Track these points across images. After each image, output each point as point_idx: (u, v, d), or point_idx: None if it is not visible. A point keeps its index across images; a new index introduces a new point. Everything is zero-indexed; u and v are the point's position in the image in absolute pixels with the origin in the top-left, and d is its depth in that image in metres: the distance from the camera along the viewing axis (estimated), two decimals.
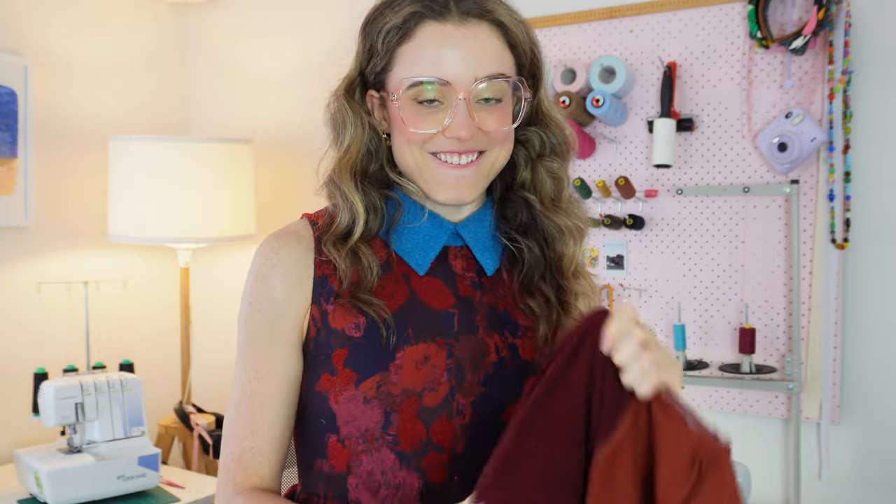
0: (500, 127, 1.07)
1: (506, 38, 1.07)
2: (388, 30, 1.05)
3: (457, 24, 1.03)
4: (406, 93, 1.04)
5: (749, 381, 2.03)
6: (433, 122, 1.05)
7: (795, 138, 1.96)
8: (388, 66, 1.07)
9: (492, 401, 1.06)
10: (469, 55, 1.03)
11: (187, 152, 2.49)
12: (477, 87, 1.03)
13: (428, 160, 1.07)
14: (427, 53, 1.03)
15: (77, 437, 2.15)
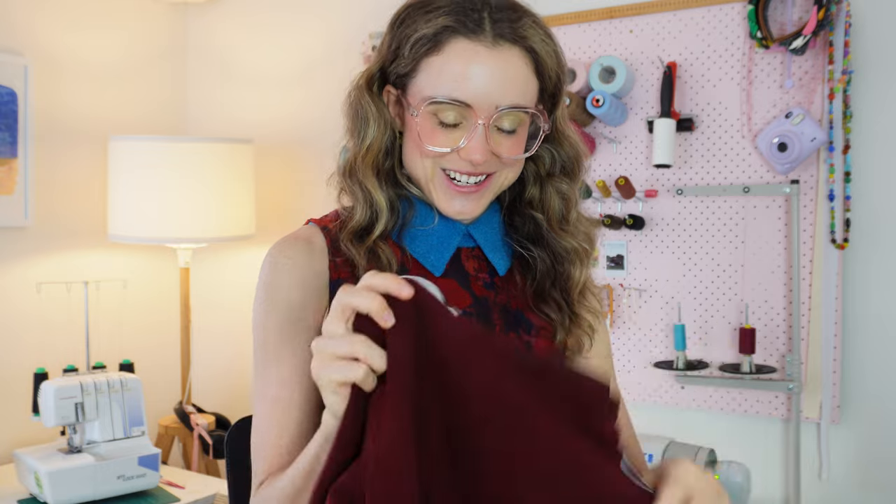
0: (514, 155, 1.07)
1: (535, 65, 1.05)
2: (418, 38, 1.03)
3: (488, 47, 1.01)
4: (426, 108, 1.03)
5: (749, 381, 2.03)
6: (449, 140, 1.04)
7: (795, 138, 1.96)
8: (412, 73, 1.05)
9: None
10: (495, 81, 1.02)
11: (187, 152, 2.49)
12: (497, 115, 1.03)
13: (438, 175, 1.07)
14: (453, 71, 1.02)
15: (77, 437, 2.15)
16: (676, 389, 2.19)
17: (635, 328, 2.24)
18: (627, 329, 2.25)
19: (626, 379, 2.25)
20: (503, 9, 1.04)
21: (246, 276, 2.88)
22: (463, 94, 1.01)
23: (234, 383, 2.92)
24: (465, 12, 1.02)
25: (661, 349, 2.20)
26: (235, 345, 2.91)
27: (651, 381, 2.22)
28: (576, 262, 1.15)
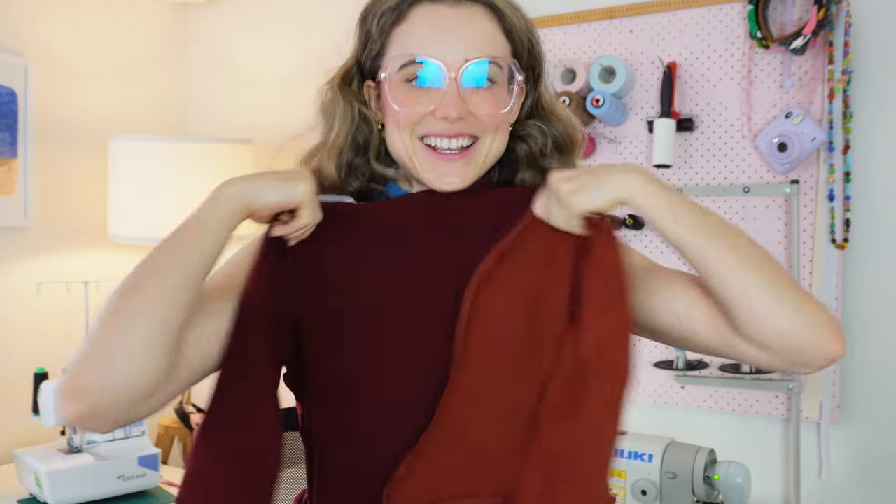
0: (493, 111, 1.05)
1: (501, 23, 1.07)
2: (383, 13, 1.06)
3: (451, 6, 1.03)
4: (397, 74, 1.04)
5: (749, 381, 2.03)
6: (422, 101, 1.03)
7: (795, 138, 1.96)
8: (383, 49, 1.07)
9: None
10: (461, 36, 1.03)
11: (187, 152, 2.49)
12: (467, 68, 1.02)
13: (418, 147, 1.05)
14: (419, 34, 1.03)
15: (77, 437, 2.15)
16: (676, 389, 2.19)
17: None
18: None
19: None
20: None
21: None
22: (431, 53, 1.02)
23: None
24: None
25: (661, 349, 2.20)
26: None
27: (651, 381, 2.22)
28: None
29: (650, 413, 2.24)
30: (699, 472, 1.90)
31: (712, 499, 1.93)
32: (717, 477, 1.90)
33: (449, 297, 1.01)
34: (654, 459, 1.95)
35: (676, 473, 1.92)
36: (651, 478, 1.95)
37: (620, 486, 1.98)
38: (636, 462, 1.97)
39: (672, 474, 1.92)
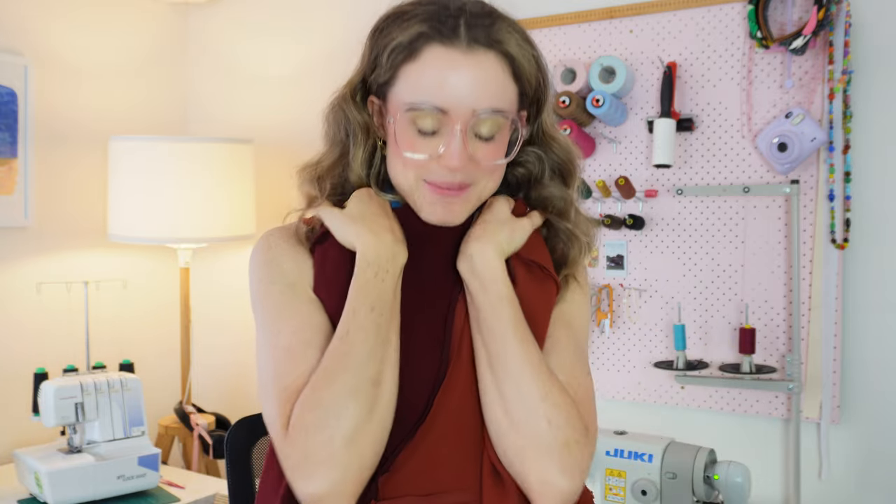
0: (493, 161, 1.07)
1: (512, 69, 1.05)
2: (394, 47, 1.04)
3: (463, 52, 1.02)
4: (404, 115, 1.04)
5: (749, 381, 2.03)
6: (428, 147, 1.05)
7: (795, 138, 1.96)
8: (391, 81, 1.06)
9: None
10: (471, 86, 1.02)
11: (187, 152, 2.49)
12: (475, 120, 1.03)
13: (420, 185, 1.08)
14: (430, 78, 1.02)
15: (77, 437, 2.15)
16: (676, 389, 2.19)
17: (635, 328, 2.24)
18: (627, 329, 2.25)
19: (626, 379, 2.25)
20: (478, 15, 1.04)
21: (246, 275, 2.87)
22: (439, 100, 1.02)
23: (234, 383, 2.92)
24: (440, 19, 1.03)
25: (661, 349, 2.21)
26: (235, 345, 2.91)
27: (651, 381, 2.22)
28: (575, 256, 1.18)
29: (650, 413, 2.24)
30: (699, 472, 1.90)
31: (712, 499, 1.93)
32: (717, 477, 1.90)
33: (443, 305, 1.10)
34: (654, 459, 1.95)
35: (676, 473, 1.92)
36: (651, 478, 1.95)
37: (620, 486, 1.98)
38: (636, 462, 1.97)
39: (672, 474, 1.92)
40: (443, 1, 1.06)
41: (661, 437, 2.04)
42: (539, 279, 1.14)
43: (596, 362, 2.29)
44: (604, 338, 2.27)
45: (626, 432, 2.07)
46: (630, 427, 2.18)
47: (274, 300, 1.10)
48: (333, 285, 1.09)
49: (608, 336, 2.27)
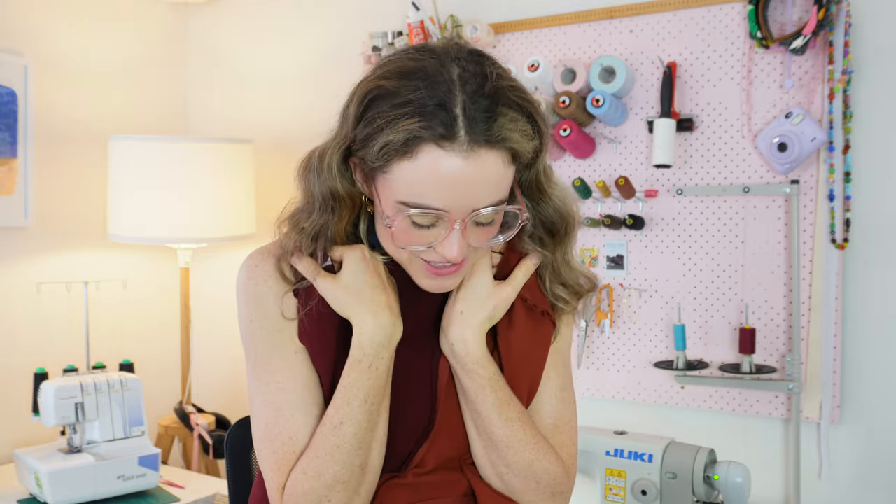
0: (489, 240, 1.06)
1: (513, 157, 1.00)
2: (386, 143, 0.96)
3: (463, 156, 0.95)
4: (399, 210, 0.99)
5: (749, 381, 2.03)
6: (425, 238, 1.02)
7: (795, 138, 1.96)
8: (383, 169, 0.99)
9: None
10: (472, 188, 0.97)
11: (187, 152, 2.49)
12: (473, 217, 1.00)
13: (414, 261, 1.06)
14: (427, 182, 0.96)
15: (77, 437, 2.15)
16: (676, 389, 2.19)
17: (635, 328, 2.24)
18: (627, 329, 2.25)
19: (626, 379, 2.25)
20: (476, 101, 0.96)
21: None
22: (437, 202, 0.97)
23: (234, 383, 2.92)
24: (435, 111, 0.94)
25: (661, 349, 2.20)
26: (235, 345, 2.90)
27: (651, 381, 2.22)
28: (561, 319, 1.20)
29: (650, 413, 2.24)
30: (699, 472, 1.90)
31: (712, 499, 1.93)
32: (717, 477, 1.90)
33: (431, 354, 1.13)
34: (654, 459, 1.95)
35: (676, 473, 1.92)
36: (651, 478, 1.95)
37: (620, 486, 1.98)
38: (636, 462, 1.97)
39: (672, 474, 1.92)
40: (432, 74, 0.96)
41: (661, 437, 2.04)
42: (537, 320, 1.16)
43: (596, 362, 2.29)
44: (604, 338, 2.27)
45: (626, 432, 2.07)
46: (630, 427, 2.18)
47: (262, 345, 1.13)
48: (318, 338, 1.10)
49: (608, 336, 2.27)
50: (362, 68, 2.59)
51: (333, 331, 1.10)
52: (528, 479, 1.11)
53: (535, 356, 1.17)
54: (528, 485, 1.12)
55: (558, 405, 1.19)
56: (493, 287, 1.11)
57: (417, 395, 1.12)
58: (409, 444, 1.12)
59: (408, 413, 1.11)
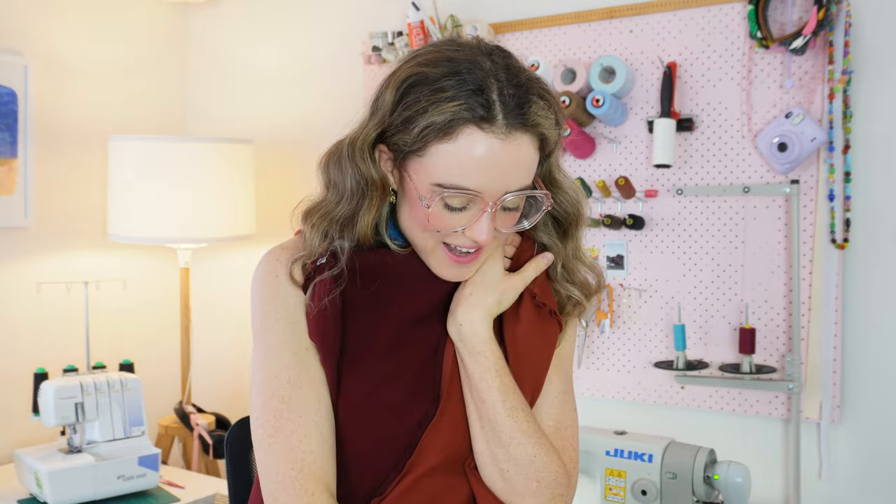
0: (513, 227, 1.10)
1: (540, 142, 1.06)
2: (428, 125, 1.01)
3: (501, 139, 1.00)
4: (434, 192, 1.03)
5: (749, 381, 2.03)
6: (457, 221, 1.05)
7: (795, 138, 1.96)
8: (420, 152, 1.03)
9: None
10: (507, 170, 1.02)
11: (187, 152, 2.49)
12: (506, 200, 1.05)
13: (438, 248, 1.10)
14: (466, 162, 1.01)
15: (77, 437, 2.15)
16: (676, 389, 2.19)
17: (635, 328, 2.24)
18: (627, 329, 2.25)
19: (626, 379, 2.25)
20: (511, 85, 1.02)
21: (246, 276, 2.86)
22: (475, 184, 1.02)
23: (234, 383, 2.92)
24: (475, 97, 1.00)
25: (661, 349, 2.21)
26: (235, 345, 2.91)
27: (651, 381, 2.22)
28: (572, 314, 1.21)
29: (650, 413, 2.24)
30: (699, 472, 1.90)
31: (712, 499, 1.93)
32: (717, 477, 1.90)
33: (434, 344, 1.13)
34: (654, 459, 1.95)
35: (676, 473, 1.92)
36: (651, 478, 1.95)
37: (620, 486, 1.98)
38: (636, 462, 1.97)
39: (672, 474, 1.92)
40: (468, 63, 1.02)
41: (661, 437, 2.04)
42: (544, 318, 1.17)
43: (596, 362, 2.29)
44: (604, 338, 2.27)
45: (626, 432, 2.08)
46: (630, 427, 2.18)
47: (276, 338, 1.12)
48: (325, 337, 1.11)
49: (608, 336, 2.27)
50: (362, 68, 2.59)
51: (338, 332, 1.10)
52: (530, 478, 1.10)
53: (540, 353, 1.17)
54: (528, 484, 1.10)
55: (559, 408, 1.19)
56: (503, 275, 1.14)
57: (422, 387, 1.12)
58: (413, 435, 1.11)
59: (412, 404, 1.11)
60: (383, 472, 1.11)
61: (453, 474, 1.12)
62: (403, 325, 1.12)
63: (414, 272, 1.13)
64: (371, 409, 1.10)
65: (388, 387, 1.11)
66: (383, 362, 1.11)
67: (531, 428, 1.11)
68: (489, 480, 1.13)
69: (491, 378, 1.10)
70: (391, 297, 1.12)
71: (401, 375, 1.11)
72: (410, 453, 1.11)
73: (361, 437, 1.11)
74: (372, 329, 1.11)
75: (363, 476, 1.11)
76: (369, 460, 1.11)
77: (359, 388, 1.11)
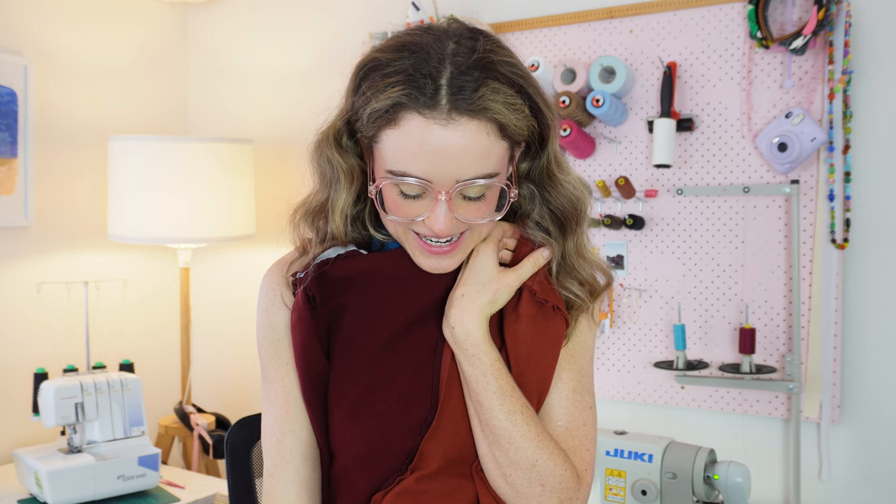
0: (481, 219, 1.05)
1: (499, 130, 1.00)
2: (373, 111, 0.99)
3: (443, 124, 0.96)
4: (387, 179, 1.02)
5: (749, 381, 2.03)
6: (414, 210, 1.03)
7: (795, 138, 1.96)
8: (374, 138, 1.02)
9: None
10: (453, 158, 0.98)
11: (187, 152, 2.49)
12: (458, 187, 1.00)
13: (410, 237, 1.07)
14: (410, 148, 0.98)
15: (77, 437, 2.15)
16: (676, 389, 2.19)
17: (635, 328, 2.24)
18: (627, 329, 2.25)
19: (626, 379, 2.25)
20: (464, 71, 0.97)
21: (246, 276, 2.88)
22: (420, 171, 0.99)
23: (234, 383, 2.92)
24: (421, 81, 0.97)
25: (661, 349, 2.21)
26: (235, 345, 2.91)
27: (651, 381, 2.22)
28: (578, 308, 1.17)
29: (650, 413, 2.24)
30: (699, 472, 1.90)
31: (712, 499, 1.93)
32: (717, 477, 1.90)
33: (432, 347, 1.12)
34: (654, 459, 1.95)
35: (676, 473, 1.92)
36: (651, 478, 1.95)
37: (620, 486, 1.98)
38: (636, 462, 1.97)
39: (672, 474, 1.92)
40: (425, 48, 0.99)
41: (661, 437, 2.04)
42: (548, 315, 1.12)
43: (596, 362, 2.29)
44: (604, 338, 2.27)
45: (626, 432, 2.07)
46: (630, 427, 2.18)
47: (267, 356, 1.16)
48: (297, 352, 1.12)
49: (608, 336, 2.27)
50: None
51: (315, 345, 1.11)
52: (533, 482, 1.06)
53: (544, 353, 1.12)
54: (532, 488, 1.06)
55: (570, 408, 1.13)
56: (497, 272, 1.10)
57: (420, 390, 1.11)
58: (413, 439, 1.10)
59: (411, 407, 1.10)
60: (382, 476, 1.10)
61: (457, 477, 1.11)
62: (398, 328, 1.11)
63: (408, 274, 1.11)
64: (363, 413, 1.10)
65: (381, 391, 1.09)
66: (374, 366, 1.10)
67: (532, 431, 1.06)
68: (494, 484, 1.10)
69: (488, 381, 1.06)
70: (385, 301, 1.11)
71: (395, 379, 1.10)
72: (412, 457, 1.09)
73: (356, 441, 1.10)
74: (363, 334, 1.11)
75: (368, 478, 1.11)
76: (367, 465, 1.10)
77: (350, 393, 1.10)
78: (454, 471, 1.11)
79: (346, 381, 1.11)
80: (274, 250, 2.88)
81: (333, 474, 1.14)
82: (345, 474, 1.12)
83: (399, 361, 1.10)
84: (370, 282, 1.11)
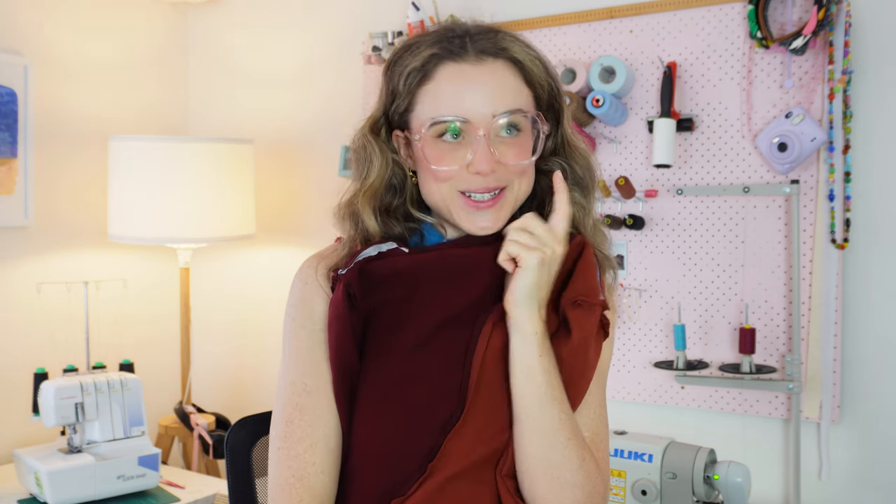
0: (520, 160, 1.11)
1: (522, 74, 1.12)
2: (409, 72, 1.11)
3: (473, 64, 1.09)
4: (428, 131, 1.10)
5: (749, 381, 2.03)
6: (455, 158, 1.10)
7: (795, 138, 1.96)
8: (411, 106, 1.12)
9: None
10: (487, 92, 1.09)
11: (187, 152, 2.49)
12: (496, 123, 1.09)
13: (455, 196, 1.12)
14: (447, 93, 1.09)
15: (77, 437, 2.15)
16: (676, 389, 2.19)
17: (635, 328, 2.24)
18: (627, 329, 2.25)
19: (626, 379, 2.25)
20: (482, 31, 1.13)
21: (246, 275, 2.88)
22: (459, 111, 1.08)
23: (234, 383, 2.92)
24: (448, 39, 1.11)
25: (661, 349, 2.21)
26: (236, 345, 2.91)
27: (651, 381, 2.22)
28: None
29: (650, 413, 2.24)
30: (699, 472, 1.90)
31: (712, 499, 1.93)
32: (717, 477, 1.90)
33: (462, 348, 1.13)
34: (654, 459, 1.95)
35: (676, 473, 1.92)
36: (651, 478, 1.95)
37: (620, 486, 1.98)
38: (636, 462, 1.97)
39: (672, 474, 1.92)
40: (448, 25, 1.15)
41: (661, 437, 2.04)
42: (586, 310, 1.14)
43: None
44: None
45: (626, 432, 2.08)
46: (630, 427, 2.18)
47: (300, 344, 1.16)
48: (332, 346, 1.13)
49: None
50: (362, 68, 2.59)
51: (350, 341, 1.12)
52: (574, 486, 1.09)
53: (590, 372, 1.17)
54: (566, 493, 1.09)
55: (596, 420, 1.18)
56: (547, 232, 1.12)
57: (449, 389, 1.11)
58: (435, 438, 1.10)
59: (438, 405, 1.11)
60: (404, 473, 1.10)
61: (477, 481, 1.11)
62: (433, 326, 1.12)
63: (448, 274, 1.14)
64: (392, 408, 1.11)
65: (412, 387, 1.11)
66: (407, 362, 1.12)
67: (580, 433, 1.12)
68: (532, 487, 1.11)
69: (546, 357, 1.10)
70: (423, 299, 1.13)
71: (425, 377, 1.11)
72: (433, 456, 1.10)
73: (381, 436, 1.11)
74: (398, 330, 1.12)
75: (383, 476, 1.11)
76: (390, 461, 1.11)
77: (380, 386, 1.11)
78: (475, 475, 1.11)
79: (377, 374, 1.12)
80: (274, 250, 2.88)
81: (347, 473, 1.14)
82: (359, 472, 1.12)
83: (431, 360, 1.12)
84: (411, 280, 1.14)
